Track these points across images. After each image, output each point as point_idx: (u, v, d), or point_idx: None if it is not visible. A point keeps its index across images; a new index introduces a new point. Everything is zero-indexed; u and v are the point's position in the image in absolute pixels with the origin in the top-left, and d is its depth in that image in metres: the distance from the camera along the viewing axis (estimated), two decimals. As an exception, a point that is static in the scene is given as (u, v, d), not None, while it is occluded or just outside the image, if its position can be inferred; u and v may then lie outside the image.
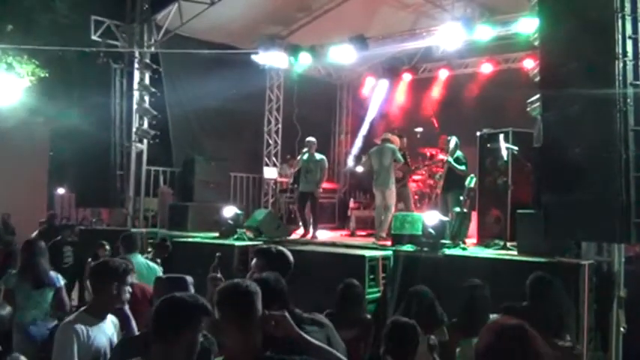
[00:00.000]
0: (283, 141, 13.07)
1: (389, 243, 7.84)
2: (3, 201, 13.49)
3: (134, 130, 10.63)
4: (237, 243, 8.10)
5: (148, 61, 10.78)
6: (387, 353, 3.53)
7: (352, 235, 10.67)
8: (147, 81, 10.78)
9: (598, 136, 5.12)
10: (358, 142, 14.09)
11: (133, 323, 3.53)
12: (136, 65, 10.68)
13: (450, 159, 9.12)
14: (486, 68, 12.07)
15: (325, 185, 10.81)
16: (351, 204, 11.96)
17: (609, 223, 4.98)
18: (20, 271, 5.13)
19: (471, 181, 8.15)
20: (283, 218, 11.55)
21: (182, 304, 2.37)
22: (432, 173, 10.80)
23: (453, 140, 9.25)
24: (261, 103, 12.94)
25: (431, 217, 7.22)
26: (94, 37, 10.28)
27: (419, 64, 13.35)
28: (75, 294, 8.65)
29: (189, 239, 8.61)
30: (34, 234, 9.65)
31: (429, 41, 10.46)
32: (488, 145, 7.91)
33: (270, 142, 13.07)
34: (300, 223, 10.11)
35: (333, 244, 8.37)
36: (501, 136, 7.52)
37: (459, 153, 9.16)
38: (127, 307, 3.49)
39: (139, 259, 5.76)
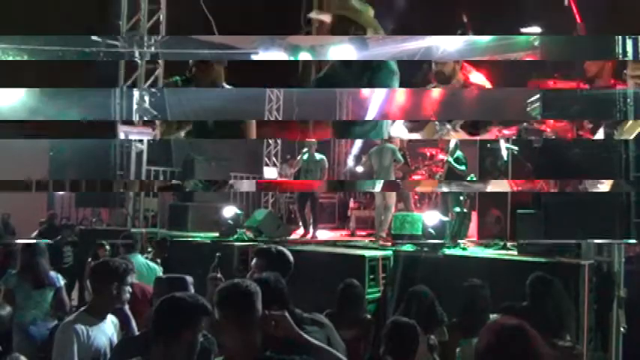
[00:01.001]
0: (283, 141, 13.06)
1: (389, 243, 7.83)
2: (3, 201, 13.47)
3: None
4: (237, 243, 8.09)
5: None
6: (387, 353, 3.52)
7: (352, 235, 10.65)
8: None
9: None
10: (358, 142, 14.05)
11: (133, 323, 3.53)
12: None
13: (450, 159, 9.11)
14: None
15: (325, 185, 10.82)
16: (351, 204, 11.94)
17: (609, 223, 4.99)
18: (20, 271, 5.12)
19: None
20: (283, 218, 11.54)
21: (182, 304, 2.37)
22: (432, 173, 10.79)
23: (453, 140, 9.24)
24: (262, 103, 12.94)
25: (431, 217, 7.22)
26: (94, 37, 10.27)
27: (419, 64, 13.35)
28: (75, 294, 8.64)
29: (189, 239, 8.61)
30: (34, 234, 9.64)
31: (429, 41, 10.45)
32: (489, 145, 7.91)
33: (270, 142, 13.05)
34: (300, 223, 10.10)
35: (333, 244, 8.35)
36: (501, 137, 7.53)
37: (459, 153, 9.15)
38: (127, 307, 3.49)
39: (139, 259, 5.76)
